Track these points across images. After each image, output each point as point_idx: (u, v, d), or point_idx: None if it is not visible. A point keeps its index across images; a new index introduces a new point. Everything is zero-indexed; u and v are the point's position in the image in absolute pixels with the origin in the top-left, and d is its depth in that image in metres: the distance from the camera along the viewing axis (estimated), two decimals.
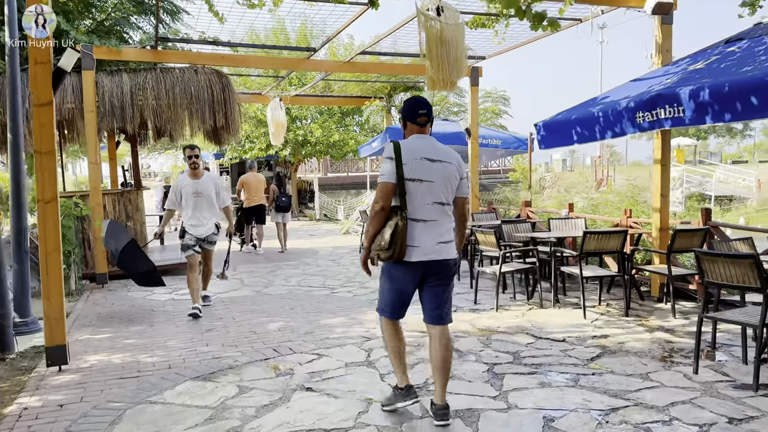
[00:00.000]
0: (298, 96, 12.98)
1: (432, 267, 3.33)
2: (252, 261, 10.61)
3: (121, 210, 9.02)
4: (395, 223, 3.21)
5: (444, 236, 3.34)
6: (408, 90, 12.67)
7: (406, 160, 3.27)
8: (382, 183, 3.29)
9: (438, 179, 3.30)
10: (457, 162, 3.43)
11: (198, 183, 6.41)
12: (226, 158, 20.57)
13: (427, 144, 3.40)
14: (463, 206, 3.49)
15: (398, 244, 3.21)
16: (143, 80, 8.30)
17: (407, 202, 3.25)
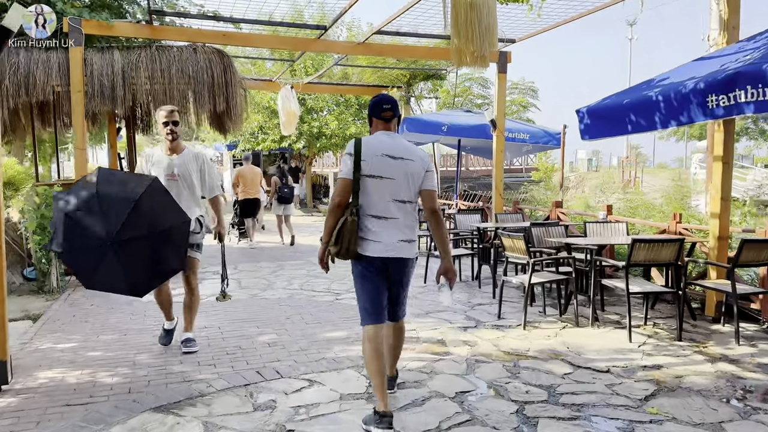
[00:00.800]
0: (311, 84, 12.16)
1: (392, 265, 3.32)
2: (254, 258, 9.84)
3: None
4: (345, 220, 3.22)
5: (406, 234, 3.32)
6: (429, 78, 11.78)
7: (366, 156, 3.24)
8: (340, 179, 3.29)
9: (399, 176, 3.25)
10: (421, 159, 3.35)
11: (175, 161, 4.56)
12: (239, 150, 19.85)
13: (390, 141, 3.33)
14: (431, 199, 3.35)
15: (345, 240, 3.22)
16: (137, 59, 7.54)
17: (368, 198, 3.25)
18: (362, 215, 3.26)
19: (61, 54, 7.24)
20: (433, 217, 3.33)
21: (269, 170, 23.63)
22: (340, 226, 3.24)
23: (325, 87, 12.37)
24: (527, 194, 23.35)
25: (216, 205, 4.92)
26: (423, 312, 6.06)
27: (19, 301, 6.63)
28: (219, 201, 4.97)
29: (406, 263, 3.37)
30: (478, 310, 6.15)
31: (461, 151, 12.74)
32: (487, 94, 13.23)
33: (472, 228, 8.42)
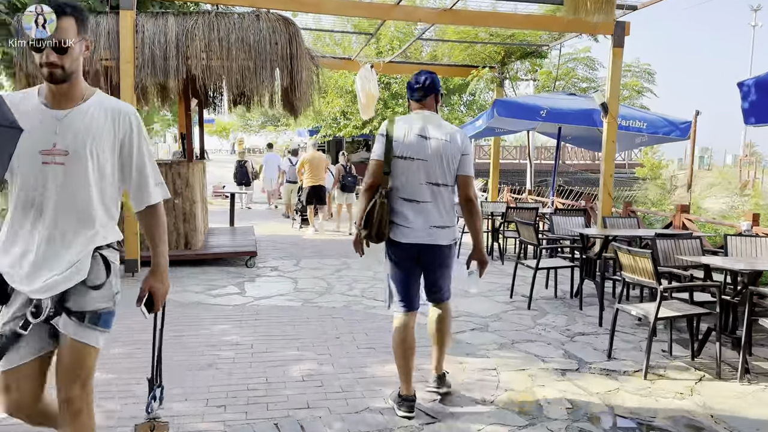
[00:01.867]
0: (393, 63, 11.03)
1: (425, 251, 3.18)
2: (320, 253, 8.88)
3: (168, 185, 7.53)
4: (374, 202, 3.12)
5: (438, 220, 3.16)
6: (527, 57, 10.28)
7: (399, 136, 3.15)
8: (371, 161, 3.18)
9: (432, 157, 3.12)
10: (457, 140, 3.18)
11: (64, 121, 2.07)
12: (320, 135, 19.11)
13: (423, 120, 3.20)
14: (467, 186, 3.21)
15: (375, 223, 3.11)
16: (193, 26, 6.69)
17: (400, 180, 3.14)
18: (394, 198, 3.14)
19: (110, 19, 6.52)
20: (468, 205, 3.19)
21: (351, 158, 22.82)
22: (369, 209, 3.12)
23: (409, 67, 11.20)
24: (635, 193, 21.07)
25: (154, 223, 2.35)
26: (507, 341, 4.77)
27: None
28: (159, 217, 2.37)
29: (441, 250, 3.20)
30: (579, 343, 4.79)
31: (561, 140, 11.17)
32: (594, 77, 11.53)
33: (572, 233, 6.97)
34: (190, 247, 7.72)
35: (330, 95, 17.77)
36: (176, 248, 7.66)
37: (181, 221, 7.69)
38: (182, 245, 7.71)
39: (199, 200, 8.22)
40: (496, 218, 9.17)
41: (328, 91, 17.77)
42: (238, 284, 6.63)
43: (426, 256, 3.20)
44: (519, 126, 10.74)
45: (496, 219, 9.10)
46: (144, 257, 7.10)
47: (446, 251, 3.23)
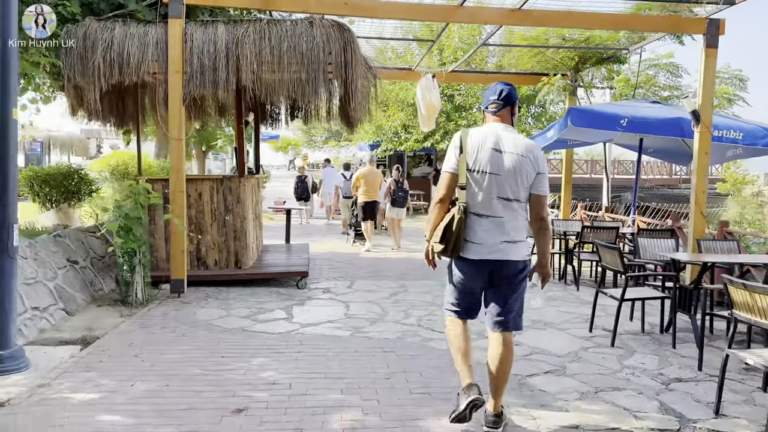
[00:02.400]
0: (456, 72, 10.42)
1: (496, 268, 3.06)
2: (376, 273, 8.33)
3: (219, 200, 7.24)
4: (451, 217, 3.05)
5: (510, 235, 3.06)
6: (603, 63, 9.43)
7: (472, 149, 3.06)
8: (443, 173, 3.14)
9: (506, 172, 3.02)
10: (534, 155, 3.06)
11: None
12: (380, 150, 18.69)
13: (498, 133, 3.09)
14: (540, 206, 3.10)
15: (452, 239, 3.03)
16: (243, 34, 6.36)
17: (470, 194, 3.06)
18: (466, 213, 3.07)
19: (159, 29, 6.28)
20: (540, 224, 3.12)
21: (413, 172, 22.30)
22: (447, 224, 3.06)
23: (473, 76, 10.56)
24: (718, 211, 19.50)
25: None
26: (589, 389, 4.02)
27: (92, 314, 5.73)
28: None
29: (512, 267, 3.08)
30: (677, 392, 3.98)
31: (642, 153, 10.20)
32: (677, 84, 10.48)
33: (661, 258, 6.11)
34: (240, 266, 7.36)
35: (391, 108, 17.36)
36: (226, 267, 7.32)
37: (232, 239, 7.34)
38: (232, 264, 7.35)
39: (251, 217, 7.87)
40: (569, 238, 8.36)
41: (389, 104, 17.37)
42: (287, 308, 6.16)
43: (495, 274, 3.08)
44: (594, 137, 9.86)
45: (569, 239, 8.29)
46: (191, 276, 6.79)
47: (517, 268, 3.09)
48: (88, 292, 6.29)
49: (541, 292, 4.02)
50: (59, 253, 6.11)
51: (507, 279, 3.09)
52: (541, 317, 6.05)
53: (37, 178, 8.07)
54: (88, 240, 6.93)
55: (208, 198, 7.25)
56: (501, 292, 3.12)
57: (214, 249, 7.32)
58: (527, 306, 4.70)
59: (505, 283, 3.10)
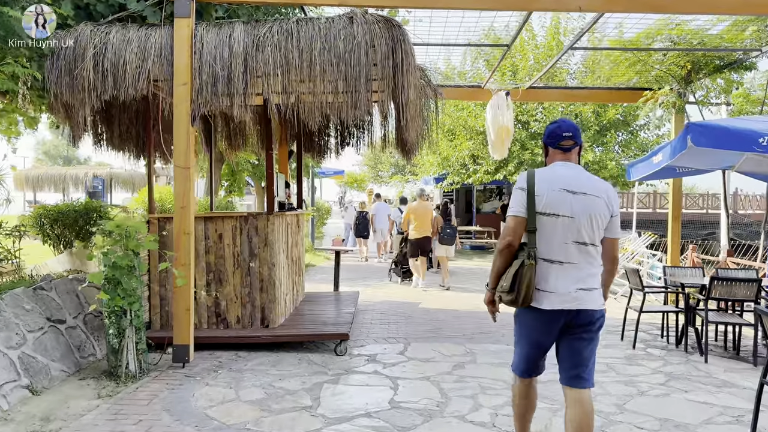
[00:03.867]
0: (535, 88, 8.79)
1: (571, 318, 2.87)
2: (436, 332, 6.66)
3: (242, 243, 5.90)
4: (521, 263, 2.84)
5: (586, 282, 2.86)
6: (721, 71, 7.53)
7: (541, 191, 2.88)
8: (510, 216, 2.95)
9: (580, 215, 2.86)
10: (607, 196, 2.92)
11: None
12: (446, 183, 17.10)
13: (569, 173, 2.94)
14: (614, 249, 3.00)
15: (523, 288, 2.82)
16: (265, 35, 5.06)
17: (540, 239, 2.87)
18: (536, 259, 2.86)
19: (165, 32, 5.08)
20: (613, 265, 3.01)
21: (483, 207, 20.51)
22: (516, 271, 2.82)
23: (555, 93, 8.88)
24: None
25: None
26: None
27: (64, 393, 4.41)
28: None
29: (590, 316, 2.86)
30: None
31: None
32: None
33: None
34: (267, 324, 5.94)
35: (459, 137, 15.83)
36: (250, 325, 5.93)
37: (258, 290, 5.95)
38: (258, 321, 5.95)
39: (285, 262, 6.47)
40: (689, 291, 6.44)
41: (456, 132, 15.85)
42: (314, 388, 4.64)
43: (570, 324, 2.87)
44: (711, 162, 7.92)
45: (689, 292, 6.38)
46: (205, 339, 5.43)
47: (594, 317, 2.87)
48: (73, 359, 5.02)
49: None
50: (35, 311, 4.89)
51: (583, 330, 2.90)
52: (666, 413, 4.23)
53: (48, 216, 7.05)
54: (87, 291, 5.72)
55: (230, 240, 5.92)
56: (575, 345, 2.92)
57: (236, 303, 5.95)
58: None
59: (580, 334, 2.91)
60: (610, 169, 14.13)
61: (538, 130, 14.94)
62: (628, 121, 15.19)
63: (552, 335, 2.94)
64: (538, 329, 2.95)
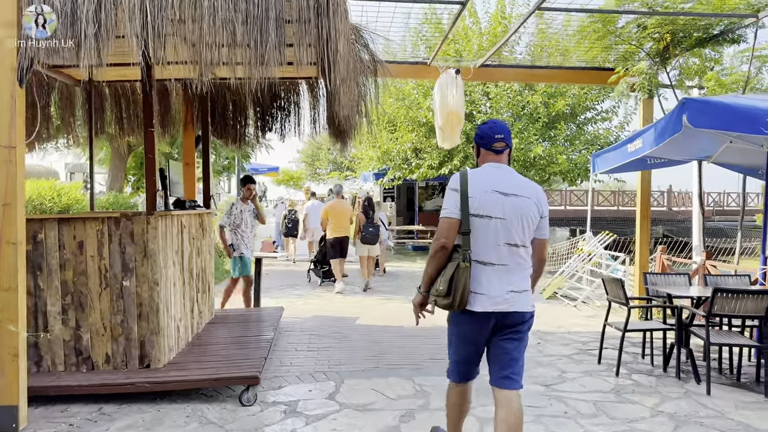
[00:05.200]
0: (488, 67, 7.57)
1: (501, 320, 2.86)
2: (380, 358, 5.29)
3: (113, 254, 4.32)
4: (456, 266, 2.81)
5: (517, 284, 2.87)
6: (704, 44, 6.52)
7: (474, 192, 2.86)
8: (443, 218, 2.90)
9: (512, 216, 2.86)
10: (537, 197, 2.92)
11: None
12: (387, 179, 15.80)
13: (501, 175, 2.95)
14: (542, 249, 3.00)
15: (459, 291, 2.78)
16: None
17: (473, 241, 2.84)
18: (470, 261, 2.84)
19: None
20: (541, 265, 3.01)
21: (425, 205, 19.35)
22: (452, 275, 2.80)
23: (511, 72, 7.67)
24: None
25: None
26: None
27: None
28: None
29: (519, 318, 2.87)
30: None
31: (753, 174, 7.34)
32: None
33: None
34: (148, 364, 4.40)
35: (400, 129, 14.55)
36: (124, 366, 4.37)
37: (134, 318, 4.40)
38: (135, 361, 4.40)
39: (177, 278, 4.92)
40: (679, 304, 5.35)
41: (398, 124, 14.56)
42: None
43: (500, 325, 2.87)
44: (689, 151, 6.96)
45: (680, 305, 5.27)
46: (43, 389, 3.83)
47: (523, 319, 2.89)
48: None
49: None
50: None
51: (512, 331, 2.88)
52: None
53: None
54: None
55: (94, 251, 4.33)
56: (505, 347, 2.90)
57: (104, 336, 4.37)
58: None
59: (509, 336, 2.89)
60: (560, 164, 13.19)
61: (484, 122, 13.82)
62: (576, 113, 14.34)
63: (484, 337, 2.93)
64: (471, 332, 2.92)
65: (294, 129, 7.45)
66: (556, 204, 34.46)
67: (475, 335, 2.91)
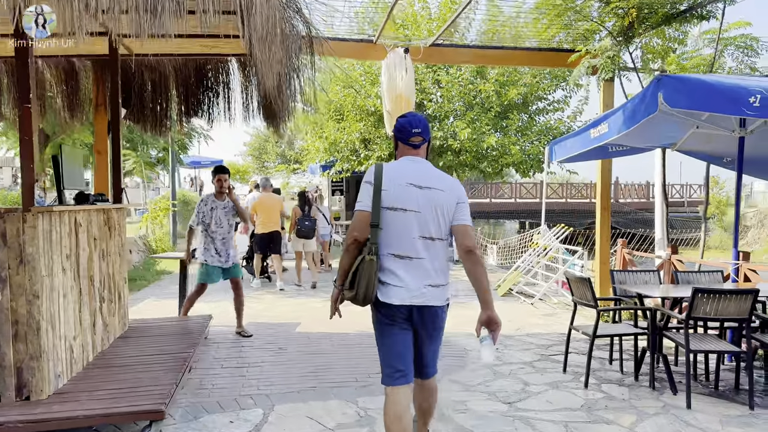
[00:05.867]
0: (439, 46, 6.91)
1: (417, 313, 2.84)
2: (320, 375, 4.57)
3: None
4: (362, 259, 2.78)
5: (434, 278, 2.84)
6: (670, 21, 6.06)
7: (388, 185, 2.82)
8: (357, 211, 2.85)
9: (426, 209, 2.82)
10: (452, 188, 2.88)
11: None
12: (334, 171, 15.03)
13: (417, 168, 2.91)
14: (464, 236, 2.84)
15: (363, 284, 2.75)
16: None
17: (390, 234, 2.81)
18: (383, 255, 2.81)
19: None
20: (469, 256, 2.80)
21: None
22: (356, 267, 2.79)
23: (464, 53, 6.99)
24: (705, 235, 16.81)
25: None
26: None
27: None
28: None
29: (435, 312, 2.87)
30: None
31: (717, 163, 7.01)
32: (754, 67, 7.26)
33: None
34: (28, 396, 3.54)
35: (348, 119, 13.80)
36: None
37: (8, 340, 3.53)
38: (12, 392, 3.53)
39: (72, 287, 4.06)
40: (650, 305, 4.85)
41: (345, 113, 13.80)
42: None
43: (418, 319, 2.85)
44: (652, 138, 6.53)
45: (653, 307, 4.77)
46: None
47: (440, 314, 2.89)
48: None
49: (492, 346, 2.68)
50: None
51: (430, 326, 2.89)
52: None
53: None
54: None
55: None
56: (423, 341, 2.93)
57: None
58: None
59: (426, 332, 2.90)
60: (513, 155, 12.73)
61: (435, 111, 13.26)
62: (528, 102, 13.93)
63: (407, 330, 2.88)
64: (392, 324, 2.85)
65: (224, 113, 6.65)
66: (506, 197, 34.44)
67: (395, 328, 2.85)
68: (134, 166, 14.09)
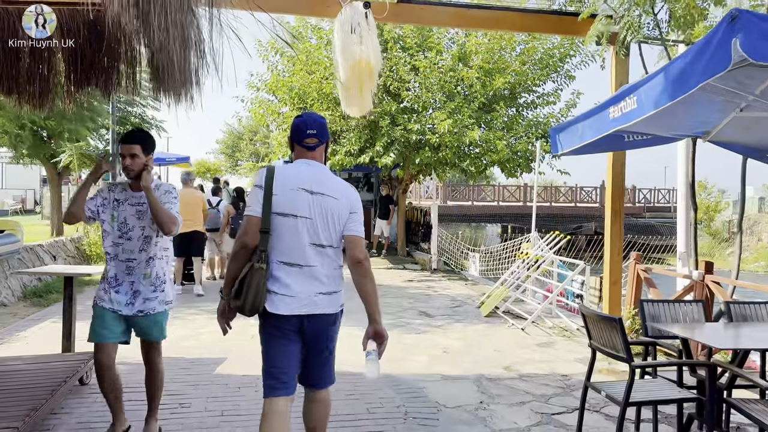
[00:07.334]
0: (409, 2, 5.35)
1: (308, 323, 2.69)
2: None
3: None
4: (250, 267, 2.63)
5: (325, 285, 2.72)
6: None
7: (279, 189, 2.67)
8: (246, 215, 2.71)
9: (317, 216, 2.69)
10: (346, 196, 2.75)
11: None
12: None
13: (310, 172, 2.74)
14: (354, 248, 2.72)
15: (250, 294, 2.61)
16: None
17: (279, 241, 2.67)
18: (273, 262, 2.67)
19: None
20: (357, 268, 2.68)
21: None
22: (243, 275, 2.63)
23: (443, 14, 5.36)
24: None
25: None
26: None
27: None
28: None
29: (327, 320, 2.74)
30: None
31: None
32: None
33: None
34: None
35: (313, 108, 12.21)
36: None
37: None
38: None
39: None
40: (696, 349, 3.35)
41: (309, 102, 12.20)
42: None
43: (310, 329, 2.70)
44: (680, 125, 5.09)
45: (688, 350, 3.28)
46: None
47: (333, 321, 2.77)
48: None
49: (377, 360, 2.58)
50: None
51: (322, 336, 2.75)
52: None
53: None
54: None
55: None
56: (315, 352, 2.78)
57: None
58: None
59: (318, 341, 2.76)
60: (499, 152, 11.24)
61: (413, 102, 11.74)
62: (515, 94, 12.48)
63: (294, 341, 2.72)
64: (280, 334, 2.70)
65: (124, 83, 5.03)
66: (489, 200, 33.08)
67: (283, 338, 2.70)
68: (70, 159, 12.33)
